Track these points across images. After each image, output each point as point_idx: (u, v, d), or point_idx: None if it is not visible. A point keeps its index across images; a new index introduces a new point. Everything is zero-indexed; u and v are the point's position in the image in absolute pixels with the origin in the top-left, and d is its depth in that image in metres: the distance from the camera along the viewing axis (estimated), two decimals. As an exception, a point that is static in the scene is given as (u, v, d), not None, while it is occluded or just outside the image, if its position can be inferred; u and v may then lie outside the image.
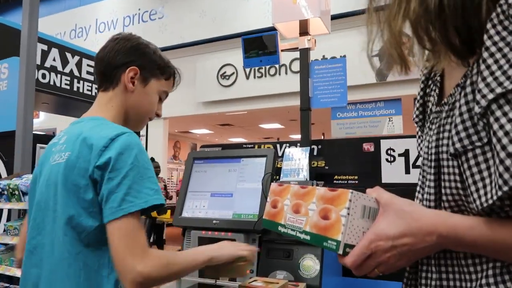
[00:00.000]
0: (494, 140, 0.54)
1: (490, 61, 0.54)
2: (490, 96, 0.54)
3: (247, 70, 7.54)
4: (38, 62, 3.07)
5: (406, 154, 2.05)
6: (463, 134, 0.59)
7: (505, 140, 0.52)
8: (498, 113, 0.53)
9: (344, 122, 5.71)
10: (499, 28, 0.53)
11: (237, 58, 2.63)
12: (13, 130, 2.65)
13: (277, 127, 11.49)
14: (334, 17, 4.52)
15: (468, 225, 0.59)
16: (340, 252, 0.63)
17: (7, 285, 2.15)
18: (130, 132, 1.02)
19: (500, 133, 0.53)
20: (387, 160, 2.07)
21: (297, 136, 2.29)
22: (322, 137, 9.45)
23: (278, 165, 1.96)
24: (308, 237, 0.69)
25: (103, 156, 0.96)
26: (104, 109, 1.14)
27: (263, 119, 10.35)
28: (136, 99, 1.16)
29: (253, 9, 7.80)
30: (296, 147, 2.24)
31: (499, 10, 0.54)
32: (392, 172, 2.06)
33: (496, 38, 0.53)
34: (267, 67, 7.49)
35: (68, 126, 1.15)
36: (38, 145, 2.91)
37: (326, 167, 2.23)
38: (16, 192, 2.10)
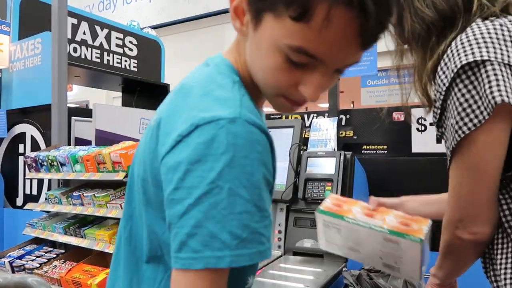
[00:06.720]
0: None
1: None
2: None
3: (275, 38, 7.40)
4: (69, 36, 3.13)
5: (438, 123, 2.00)
6: None
7: None
8: None
9: (375, 90, 5.54)
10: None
11: (263, 26, 2.56)
12: (49, 103, 2.75)
13: (305, 96, 11.34)
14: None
15: None
16: (418, 241, 0.95)
17: (50, 248, 2.30)
18: (235, 117, 0.54)
19: None
20: (417, 129, 2.03)
21: (326, 105, 2.27)
22: (352, 106, 9.27)
23: (306, 135, 1.96)
24: (386, 231, 1.02)
25: (174, 152, 0.55)
26: (229, 51, 0.69)
27: (291, 88, 10.23)
28: (248, 51, 0.64)
29: (280, -26, 7.54)
30: (324, 117, 2.22)
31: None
32: (422, 142, 2.01)
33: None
34: (295, 34, 7.32)
35: None
36: (73, 117, 3.00)
37: (355, 137, 2.21)
38: (55, 163, 2.20)
